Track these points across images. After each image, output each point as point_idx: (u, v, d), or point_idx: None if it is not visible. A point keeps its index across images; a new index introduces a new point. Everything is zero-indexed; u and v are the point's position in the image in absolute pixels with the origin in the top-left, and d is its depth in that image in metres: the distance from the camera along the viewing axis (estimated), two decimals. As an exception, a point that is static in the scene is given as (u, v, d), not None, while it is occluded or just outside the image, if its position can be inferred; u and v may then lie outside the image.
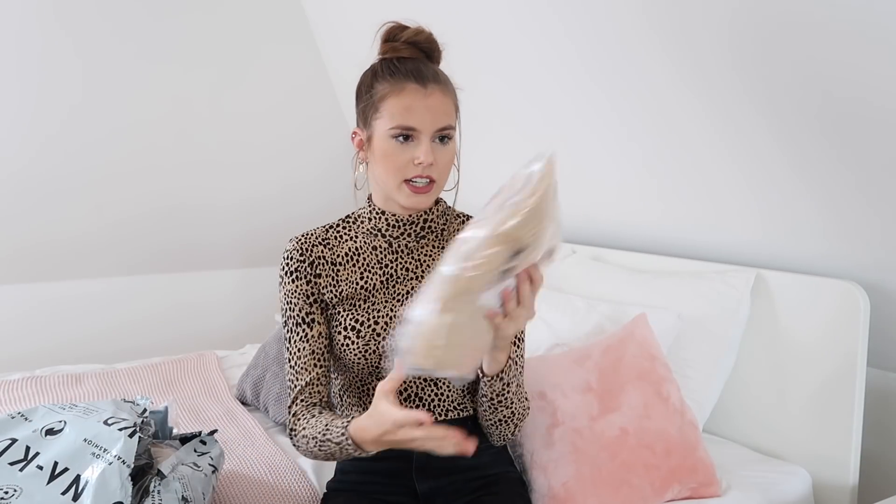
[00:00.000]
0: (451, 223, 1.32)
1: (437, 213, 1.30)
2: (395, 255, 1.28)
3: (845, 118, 1.45)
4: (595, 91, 1.94)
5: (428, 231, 1.29)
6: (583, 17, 1.79)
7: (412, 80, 1.17)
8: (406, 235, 1.28)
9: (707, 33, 1.56)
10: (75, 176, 2.60)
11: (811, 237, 1.69)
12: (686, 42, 1.62)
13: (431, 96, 1.17)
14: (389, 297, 1.26)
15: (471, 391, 1.29)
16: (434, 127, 1.18)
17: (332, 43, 2.78)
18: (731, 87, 1.61)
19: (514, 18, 1.99)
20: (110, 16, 2.44)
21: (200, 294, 3.09)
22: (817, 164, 1.57)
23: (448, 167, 1.22)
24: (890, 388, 1.69)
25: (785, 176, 1.65)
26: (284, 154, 2.98)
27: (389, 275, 1.27)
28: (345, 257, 1.28)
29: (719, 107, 1.66)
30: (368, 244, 1.29)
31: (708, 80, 1.64)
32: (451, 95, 1.22)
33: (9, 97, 2.38)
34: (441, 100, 1.18)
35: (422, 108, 1.17)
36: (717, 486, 1.47)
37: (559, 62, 1.97)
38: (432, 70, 1.21)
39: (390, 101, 1.18)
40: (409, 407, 1.25)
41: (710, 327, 1.75)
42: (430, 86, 1.18)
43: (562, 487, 1.39)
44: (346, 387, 1.30)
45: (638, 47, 1.73)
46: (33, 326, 2.75)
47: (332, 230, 1.31)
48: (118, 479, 1.09)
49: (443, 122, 1.19)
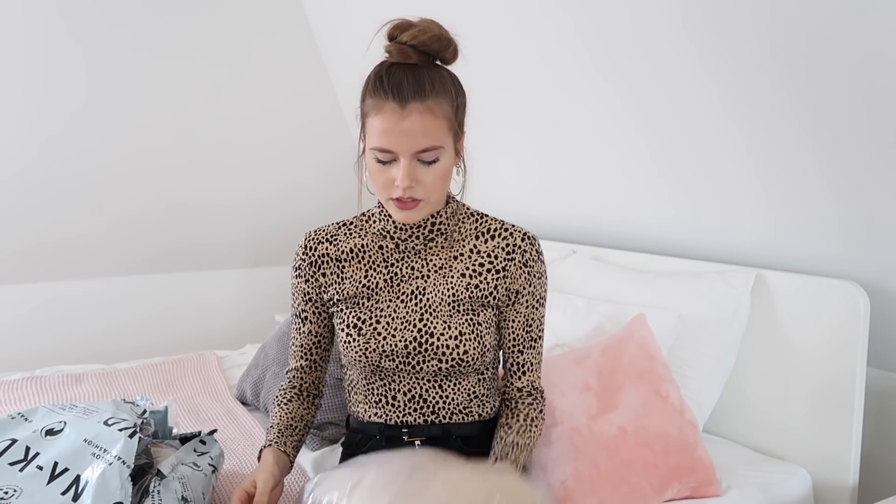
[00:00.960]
0: (462, 223, 1.29)
1: (447, 214, 1.27)
2: (402, 254, 1.28)
3: (840, 117, 1.45)
4: (592, 91, 1.94)
5: (437, 233, 1.27)
6: (593, 11, 1.78)
7: (391, 98, 1.11)
8: (414, 238, 1.27)
9: (720, 27, 1.56)
10: (76, 177, 2.60)
11: (811, 237, 1.69)
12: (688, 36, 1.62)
13: (408, 118, 1.11)
14: (393, 295, 1.26)
15: (477, 395, 1.28)
16: (411, 150, 1.13)
17: (333, 44, 2.78)
18: (738, 86, 1.61)
19: (517, 15, 1.99)
20: (113, 19, 2.44)
21: (201, 294, 3.09)
22: (818, 164, 1.57)
23: (437, 184, 1.17)
24: (890, 388, 1.69)
25: (785, 176, 1.65)
26: (285, 155, 2.98)
27: (394, 273, 1.27)
28: (349, 254, 1.28)
29: (726, 105, 1.66)
30: (375, 243, 1.29)
31: (714, 80, 1.64)
32: (442, 110, 1.14)
33: (10, 98, 2.39)
34: (420, 120, 1.11)
35: (397, 132, 1.12)
36: (716, 486, 1.47)
37: (566, 57, 1.97)
38: (420, 82, 1.12)
39: (371, 120, 1.15)
40: (413, 407, 1.26)
41: (710, 327, 1.75)
42: (410, 105, 1.11)
43: (561, 486, 1.39)
44: (354, 383, 1.32)
45: (648, 40, 1.72)
46: (34, 326, 2.75)
47: (345, 227, 1.32)
48: (118, 480, 1.09)
49: (421, 145, 1.12)
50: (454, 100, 1.17)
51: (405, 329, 1.23)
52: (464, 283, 1.25)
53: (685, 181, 1.88)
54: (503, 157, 2.40)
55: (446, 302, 1.24)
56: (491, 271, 1.26)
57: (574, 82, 1.97)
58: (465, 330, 1.23)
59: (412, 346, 1.23)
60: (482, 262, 1.26)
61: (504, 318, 1.29)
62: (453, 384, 1.26)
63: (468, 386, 1.27)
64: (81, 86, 2.48)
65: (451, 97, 1.16)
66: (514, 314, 1.28)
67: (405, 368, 1.24)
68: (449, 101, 1.16)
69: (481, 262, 1.26)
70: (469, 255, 1.26)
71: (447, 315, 1.24)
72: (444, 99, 1.15)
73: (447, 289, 1.25)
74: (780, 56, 1.47)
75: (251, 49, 2.73)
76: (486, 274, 1.26)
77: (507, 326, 1.29)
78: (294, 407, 1.32)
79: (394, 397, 1.26)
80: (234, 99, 2.77)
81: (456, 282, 1.25)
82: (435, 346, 1.22)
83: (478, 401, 1.29)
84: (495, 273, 1.26)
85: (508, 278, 1.26)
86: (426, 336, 1.23)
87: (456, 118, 1.18)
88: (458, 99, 1.19)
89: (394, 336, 1.23)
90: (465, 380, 1.26)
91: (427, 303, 1.24)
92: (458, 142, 1.21)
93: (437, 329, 1.23)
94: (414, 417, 1.26)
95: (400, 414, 1.27)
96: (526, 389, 1.29)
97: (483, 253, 1.26)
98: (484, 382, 1.29)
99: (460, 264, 1.26)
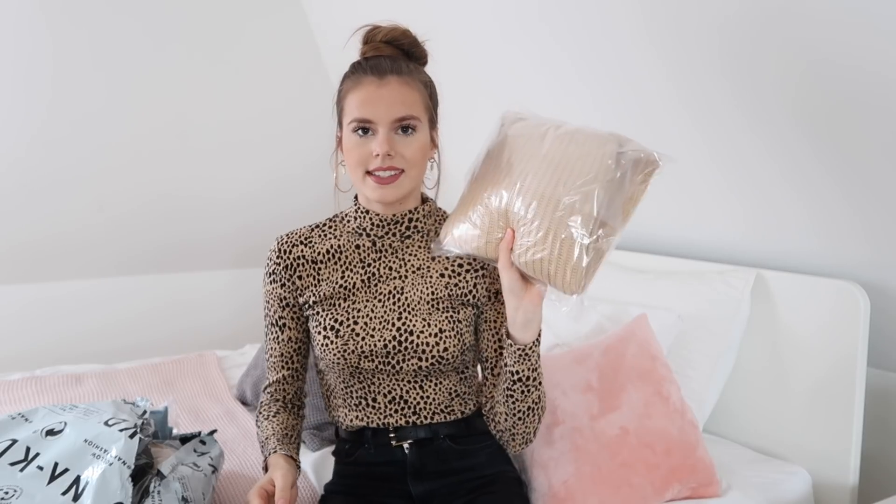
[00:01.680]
0: (438, 224, 1.29)
1: (424, 212, 1.27)
2: (379, 253, 1.27)
3: (842, 116, 1.45)
4: (582, 89, 1.94)
5: (414, 231, 1.27)
6: (569, 16, 1.79)
7: (369, 73, 1.17)
8: (391, 235, 1.26)
9: (696, 31, 1.56)
10: (73, 173, 2.58)
11: (811, 237, 1.69)
12: (678, 40, 1.62)
13: (387, 86, 1.15)
14: (370, 296, 1.25)
15: (458, 394, 1.28)
16: (390, 117, 1.15)
17: (330, 38, 2.77)
18: (729, 84, 1.61)
19: (499, 21, 2.00)
20: (110, 15, 2.43)
21: (201, 294, 3.08)
22: (818, 163, 1.57)
23: (417, 158, 1.19)
24: (890, 387, 1.69)
25: (785, 176, 1.65)
26: (285, 150, 2.97)
27: (371, 273, 1.26)
28: (325, 255, 1.27)
29: (726, 105, 1.66)
30: (351, 243, 1.28)
31: (710, 78, 1.64)
32: (418, 86, 1.19)
33: (4, 95, 2.37)
34: (398, 90, 1.16)
35: (375, 99, 1.15)
36: (717, 486, 1.47)
37: (544, 60, 1.97)
38: (398, 65, 1.18)
39: (349, 97, 1.18)
40: (394, 409, 1.25)
41: (711, 327, 1.75)
42: (388, 77, 1.16)
43: (562, 486, 1.39)
44: (332, 388, 1.30)
45: (627, 43, 1.73)
46: (32, 326, 2.74)
47: (318, 229, 1.31)
48: (118, 480, 1.09)
49: (400, 112, 1.16)
50: (428, 87, 1.22)
51: (384, 328, 1.22)
52: (443, 283, 1.25)
53: (686, 181, 1.88)
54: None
55: (425, 301, 1.24)
56: (469, 271, 1.26)
57: (573, 81, 1.97)
58: (445, 327, 1.22)
59: (391, 346, 1.21)
60: (461, 262, 1.27)
61: (484, 318, 1.27)
62: (434, 384, 1.25)
63: (449, 385, 1.26)
64: (76, 82, 2.46)
65: (425, 82, 1.21)
66: (494, 314, 1.27)
67: (385, 369, 1.23)
68: (424, 84, 1.21)
69: (460, 262, 1.27)
70: (447, 257, 1.26)
71: (426, 313, 1.23)
72: (419, 79, 1.20)
73: (426, 288, 1.24)
74: (783, 52, 1.47)
75: (248, 43, 2.71)
76: (464, 274, 1.26)
77: (488, 327, 1.27)
78: (283, 418, 1.28)
79: (374, 399, 1.25)
80: (232, 96, 2.76)
81: (434, 281, 1.25)
82: (415, 345, 1.21)
83: (459, 399, 1.28)
84: (474, 272, 1.26)
85: (488, 278, 1.26)
86: (405, 335, 1.22)
87: (431, 102, 1.22)
88: (431, 88, 1.23)
89: (372, 336, 1.22)
90: (446, 379, 1.25)
91: (405, 302, 1.24)
92: (433, 129, 1.23)
93: (416, 327, 1.22)
94: (395, 419, 1.25)
95: (381, 416, 1.25)
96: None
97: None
98: (465, 381, 1.28)
99: (438, 265, 1.26)
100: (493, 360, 1.27)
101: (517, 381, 1.20)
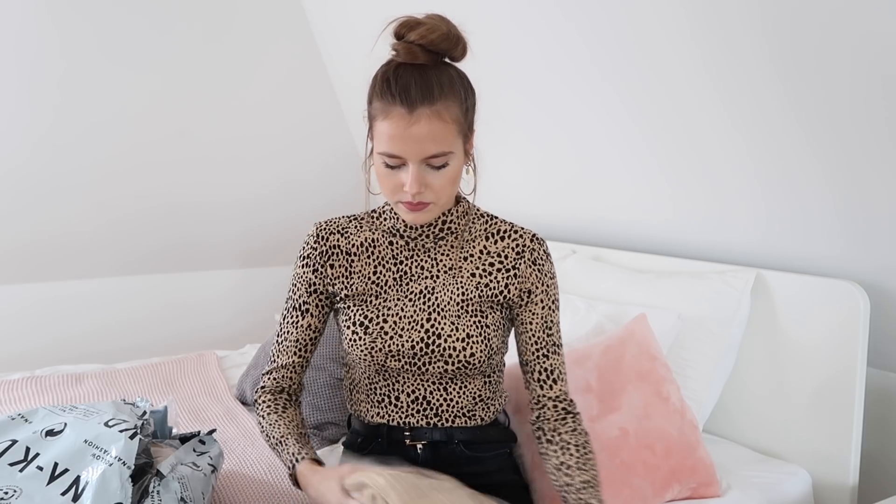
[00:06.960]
0: (473, 223, 1.28)
1: (458, 213, 1.26)
2: (412, 252, 1.26)
3: (846, 118, 1.45)
4: (593, 91, 1.94)
5: (447, 232, 1.26)
6: (592, 12, 1.78)
7: (399, 103, 1.09)
8: (424, 236, 1.26)
9: (720, 26, 1.56)
10: (75, 175, 2.60)
11: (811, 237, 1.69)
12: (703, 36, 1.62)
13: (416, 124, 1.09)
14: (401, 294, 1.25)
15: (482, 398, 1.27)
16: (420, 156, 1.10)
17: (332, 41, 2.77)
18: (738, 86, 1.61)
19: (518, 18, 1.99)
20: (111, 16, 2.44)
21: (201, 293, 3.09)
22: (818, 164, 1.56)
23: (447, 188, 1.16)
24: (890, 388, 1.69)
25: (785, 176, 1.65)
26: (286, 152, 2.98)
27: (403, 272, 1.26)
28: (360, 248, 1.27)
29: (726, 106, 1.66)
30: (385, 238, 1.27)
31: (715, 80, 1.64)
32: (451, 113, 1.11)
33: (6, 96, 2.38)
34: (428, 126, 1.09)
35: (406, 138, 1.09)
36: (717, 486, 1.47)
37: (566, 57, 1.97)
38: (428, 85, 1.10)
39: (379, 124, 1.12)
40: (416, 409, 1.25)
41: (710, 327, 1.75)
42: (419, 110, 1.08)
43: (562, 488, 1.39)
44: (356, 383, 1.30)
45: (647, 40, 1.72)
46: (32, 326, 2.75)
47: (355, 220, 1.30)
48: (118, 480, 1.09)
49: (430, 151, 1.10)
50: (463, 101, 1.15)
51: (412, 329, 1.22)
52: (473, 283, 1.24)
53: (686, 181, 1.88)
54: (507, 157, 2.40)
55: (455, 302, 1.23)
56: (501, 270, 1.25)
57: (575, 82, 1.97)
58: (473, 332, 1.21)
59: (419, 347, 1.21)
60: (492, 261, 1.26)
61: (520, 320, 1.26)
62: (458, 387, 1.25)
63: (473, 389, 1.26)
64: (84, 86, 2.48)
65: (460, 98, 1.14)
66: (530, 316, 1.25)
67: (410, 369, 1.23)
68: (458, 103, 1.13)
69: (491, 261, 1.26)
70: (479, 256, 1.26)
71: (455, 316, 1.22)
72: (453, 101, 1.12)
73: (457, 289, 1.24)
74: (779, 56, 1.47)
75: (248, 46, 2.72)
76: (496, 273, 1.25)
77: (525, 330, 1.25)
78: (292, 413, 1.26)
79: (397, 398, 1.25)
80: (231, 97, 2.76)
81: (466, 281, 1.24)
82: (441, 348, 1.21)
83: (482, 404, 1.27)
84: (506, 272, 1.25)
85: (519, 277, 1.25)
86: (433, 337, 1.21)
87: (465, 119, 1.16)
88: (467, 100, 1.16)
89: (401, 336, 1.22)
90: (471, 382, 1.25)
91: (436, 303, 1.23)
92: (468, 142, 1.19)
93: (444, 330, 1.21)
94: (416, 419, 1.25)
95: (402, 415, 1.26)
96: (562, 403, 1.25)
97: (493, 253, 1.25)
98: (489, 385, 1.28)
99: (470, 265, 1.26)
100: (532, 363, 1.25)
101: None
